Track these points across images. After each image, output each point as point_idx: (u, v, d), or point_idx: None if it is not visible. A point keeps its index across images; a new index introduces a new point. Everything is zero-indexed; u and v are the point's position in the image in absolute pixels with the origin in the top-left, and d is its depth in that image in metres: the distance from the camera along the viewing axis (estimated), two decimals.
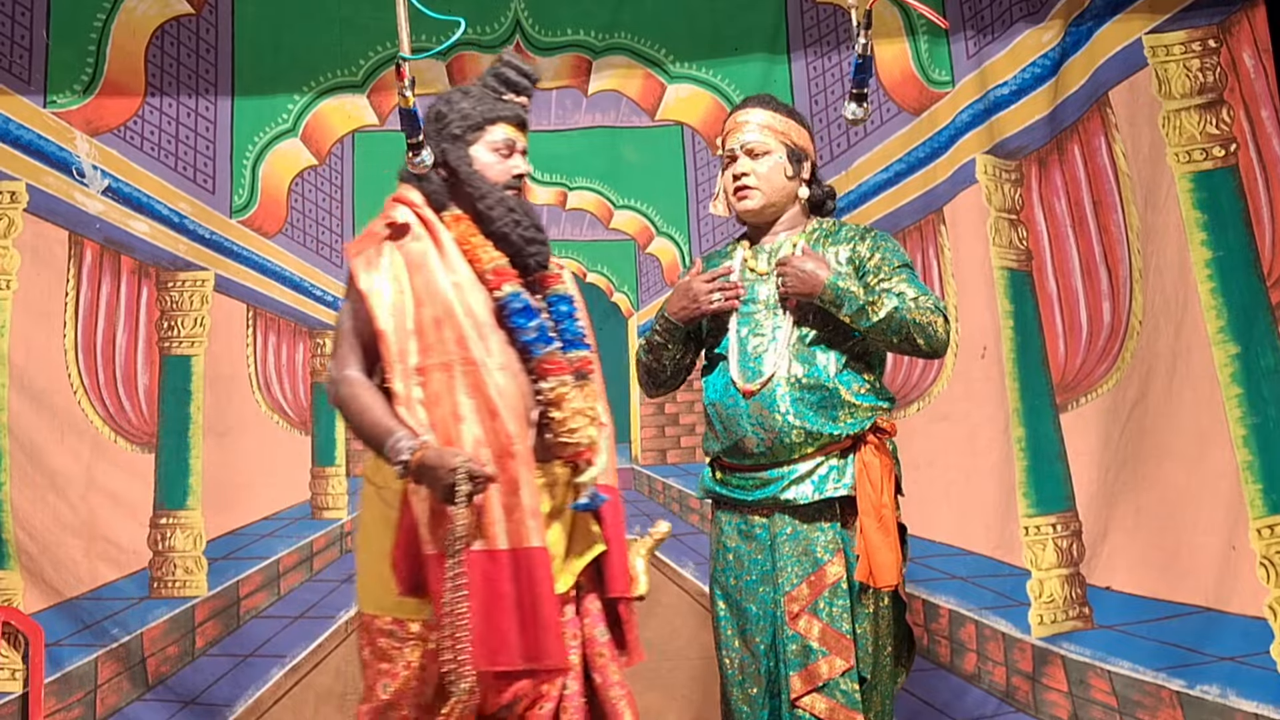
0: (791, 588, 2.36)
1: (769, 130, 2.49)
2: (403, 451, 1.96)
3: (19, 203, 3.51)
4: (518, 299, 2.11)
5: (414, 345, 2.04)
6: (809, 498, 2.37)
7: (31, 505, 3.37)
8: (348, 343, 2.11)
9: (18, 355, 3.43)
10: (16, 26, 3.56)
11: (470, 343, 2.04)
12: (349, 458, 3.80)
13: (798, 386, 2.37)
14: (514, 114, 2.21)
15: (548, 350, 2.10)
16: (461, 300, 2.07)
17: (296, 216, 3.88)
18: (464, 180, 2.16)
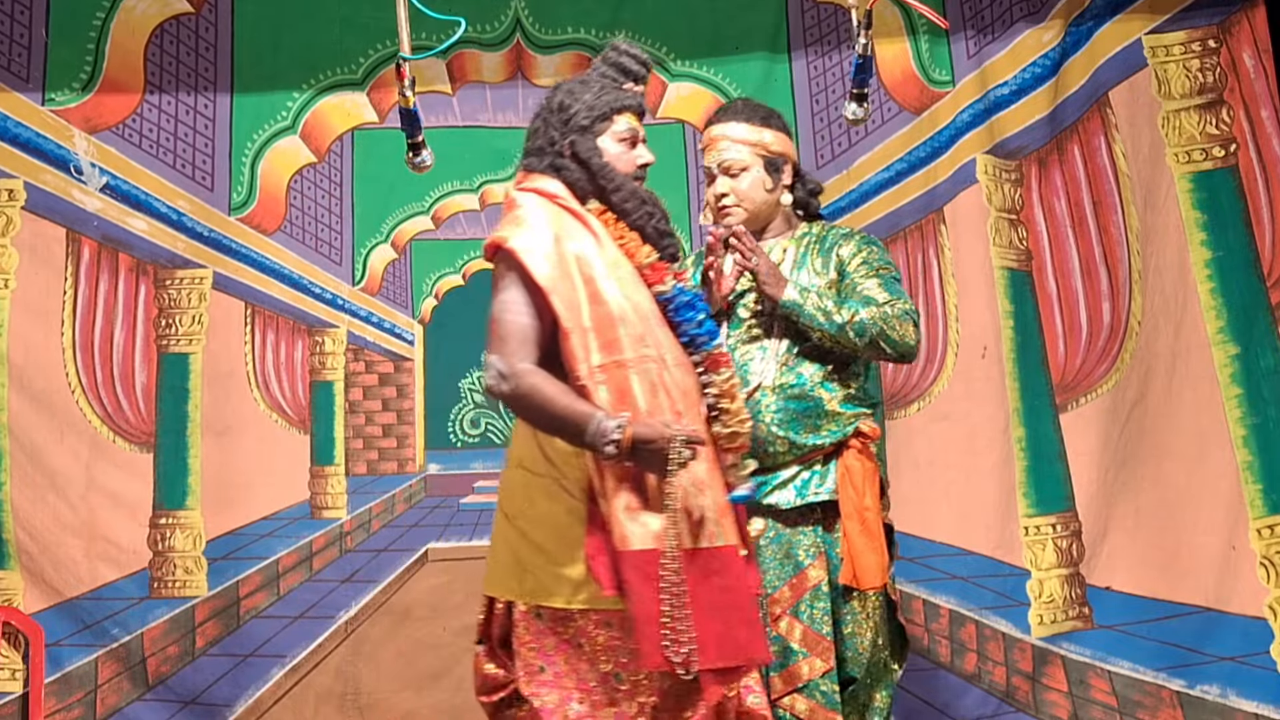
0: (773, 590, 2.38)
1: (744, 145, 2.50)
2: (610, 430, 1.89)
3: (17, 200, 3.50)
4: (682, 293, 2.08)
5: (594, 343, 1.96)
6: (791, 503, 2.39)
7: (31, 505, 3.36)
8: (517, 336, 2.00)
9: (16, 354, 3.42)
10: (15, 24, 3.55)
11: (647, 340, 1.99)
12: (348, 457, 3.79)
13: (782, 396, 2.39)
14: (637, 104, 2.16)
15: (717, 343, 2.08)
16: (630, 296, 2.02)
17: (295, 214, 3.87)
18: (596, 173, 2.10)
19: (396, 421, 3.84)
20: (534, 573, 2.03)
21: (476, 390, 3.92)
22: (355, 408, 3.83)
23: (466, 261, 3.99)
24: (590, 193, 2.12)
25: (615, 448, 1.89)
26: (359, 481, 3.78)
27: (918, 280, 3.72)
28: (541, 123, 2.19)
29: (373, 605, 3.66)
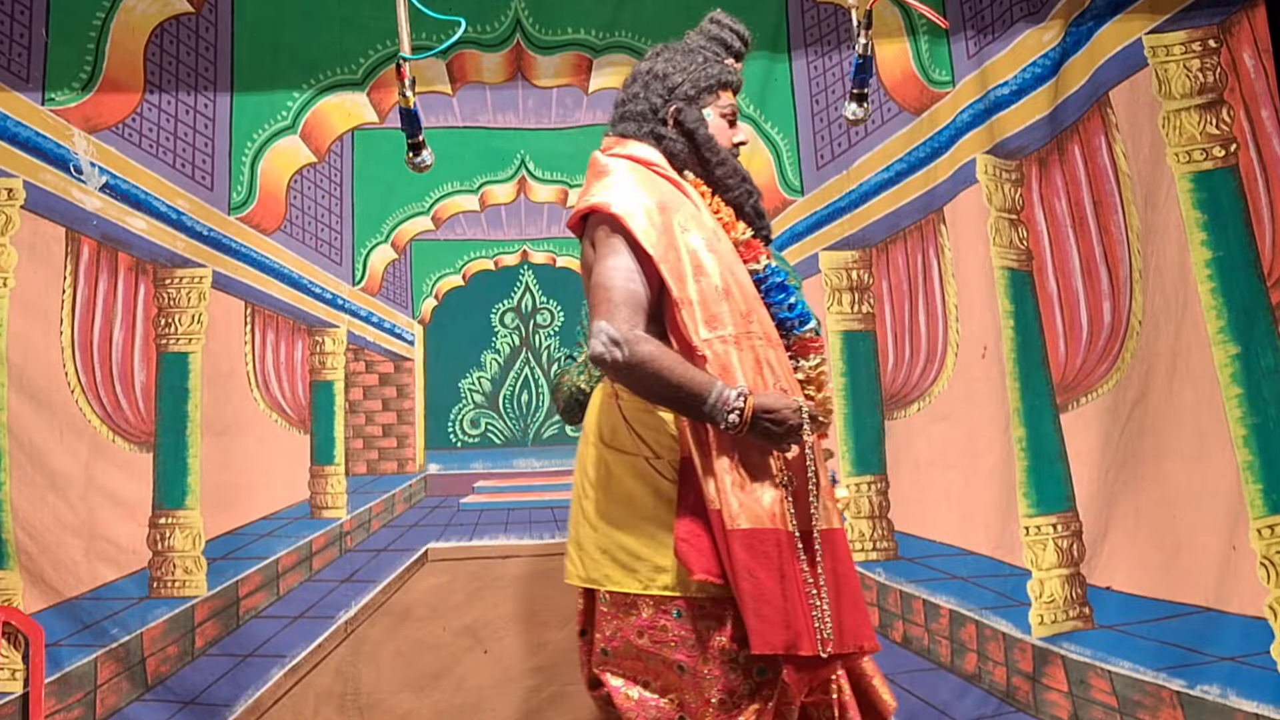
0: None
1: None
2: (732, 400, 1.82)
3: (16, 200, 3.49)
4: (776, 273, 2.01)
5: (699, 315, 1.90)
6: None
7: (31, 505, 3.36)
8: (630, 303, 1.92)
9: (15, 354, 3.41)
10: (15, 24, 3.55)
11: (752, 317, 1.93)
12: (348, 457, 3.79)
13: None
14: (738, 80, 2.11)
15: (809, 327, 2.01)
16: (732, 270, 1.95)
17: (295, 214, 3.87)
18: (701, 144, 2.03)
19: (396, 421, 3.84)
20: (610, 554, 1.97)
21: (476, 390, 3.92)
22: (355, 407, 3.83)
23: (467, 262, 3.99)
24: (690, 164, 2.06)
25: (739, 416, 1.82)
26: (359, 481, 3.78)
27: (918, 280, 3.71)
28: (641, 88, 2.09)
29: (373, 605, 3.66)
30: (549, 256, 4.00)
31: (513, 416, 3.94)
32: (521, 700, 3.59)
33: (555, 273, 4.01)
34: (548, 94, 3.92)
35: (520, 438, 3.94)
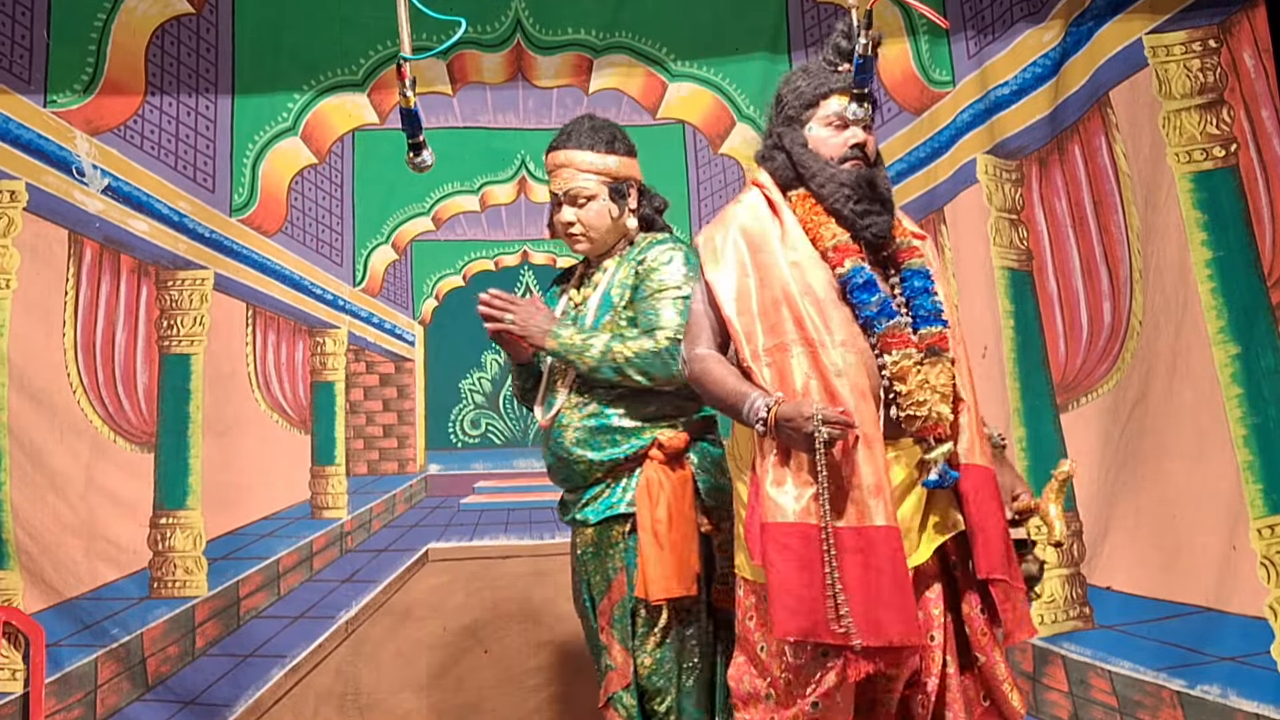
0: (598, 603, 2.48)
1: (590, 174, 2.52)
2: (760, 409, 2.03)
3: (19, 202, 3.50)
4: (859, 274, 2.10)
5: (759, 327, 2.11)
6: (595, 519, 2.46)
7: (31, 505, 3.37)
8: (699, 323, 2.20)
9: (17, 355, 3.42)
10: (17, 26, 3.56)
11: (807, 323, 2.08)
12: (349, 457, 3.80)
13: (579, 416, 2.45)
14: (846, 84, 2.17)
15: (890, 324, 2.08)
16: (799, 280, 2.11)
17: (296, 215, 3.87)
18: (796, 163, 2.19)
19: (397, 422, 3.85)
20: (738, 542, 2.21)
21: (477, 391, 3.92)
22: (356, 408, 3.84)
23: (467, 262, 4.00)
24: (793, 180, 2.21)
25: (764, 425, 2.03)
26: (359, 481, 3.79)
27: None
28: (768, 115, 2.32)
29: (373, 605, 3.66)
30: (549, 257, 4.01)
31: (513, 417, 3.95)
32: (521, 700, 3.59)
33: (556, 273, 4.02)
34: (548, 94, 3.93)
35: (520, 438, 3.94)
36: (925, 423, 2.07)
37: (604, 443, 2.44)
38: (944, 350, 2.11)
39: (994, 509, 2.10)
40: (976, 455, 2.12)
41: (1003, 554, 2.08)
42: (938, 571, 2.13)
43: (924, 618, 2.09)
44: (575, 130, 2.57)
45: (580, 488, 2.49)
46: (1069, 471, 2.21)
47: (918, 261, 2.19)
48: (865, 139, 2.19)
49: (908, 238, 2.22)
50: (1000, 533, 2.10)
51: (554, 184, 2.54)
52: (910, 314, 2.14)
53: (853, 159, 2.17)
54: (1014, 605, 2.10)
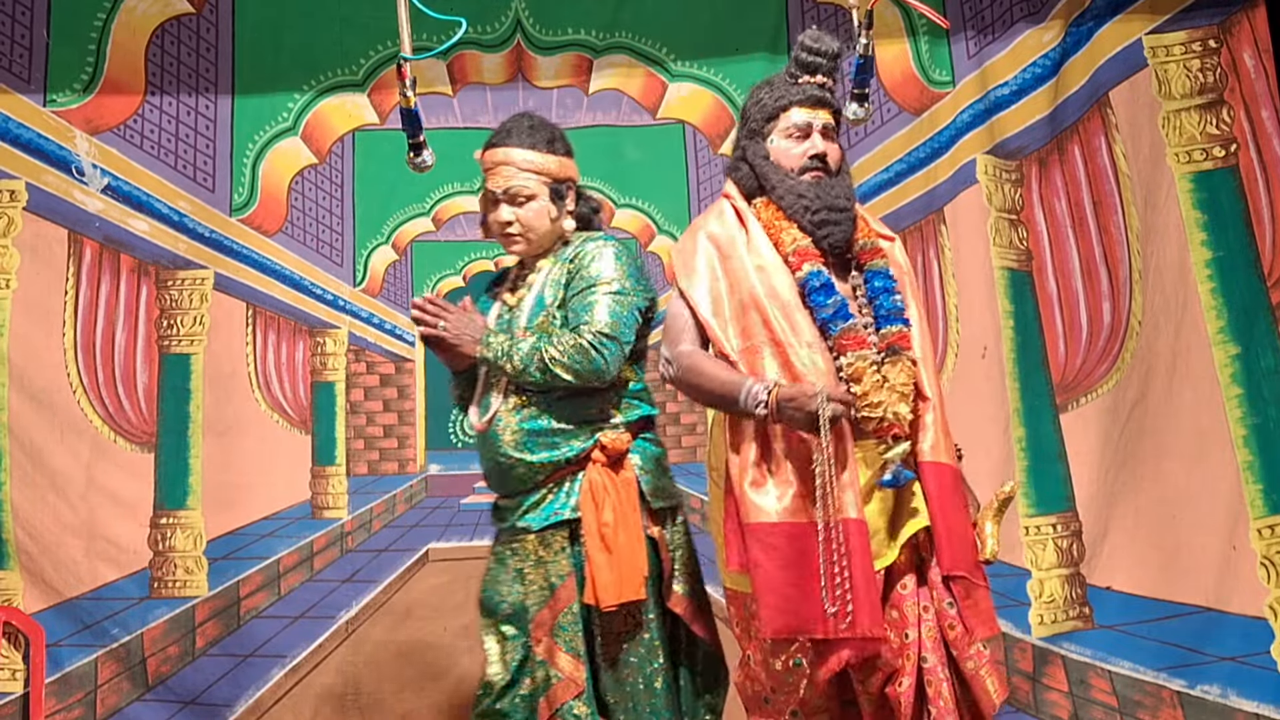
0: (536, 613, 2.40)
1: (530, 173, 2.48)
2: (759, 393, 2.04)
3: (18, 201, 3.50)
4: (815, 278, 2.15)
5: (733, 330, 2.16)
6: (536, 526, 2.40)
7: (31, 505, 3.37)
8: (678, 325, 2.23)
9: (17, 355, 3.42)
10: (17, 25, 3.56)
11: (774, 324, 2.13)
12: (349, 457, 3.80)
13: (515, 420, 2.40)
14: (804, 95, 2.24)
15: (844, 326, 2.12)
16: (765, 284, 2.16)
17: (296, 215, 3.87)
18: (758, 174, 2.25)
19: (397, 422, 3.85)
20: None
21: None
22: (356, 408, 3.84)
23: (467, 263, 4.00)
24: (756, 190, 2.27)
25: (764, 407, 2.04)
26: (360, 482, 3.79)
27: (918, 280, 3.72)
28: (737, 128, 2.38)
29: (373, 605, 3.66)
30: None
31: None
32: None
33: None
34: (548, 95, 3.93)
35: None
36: (881, 423, 2.09)
37: (542, 445, 2.38)
38: (904, 349, 2.15)
39: (957, 506, 2.14)
40: (941, 453, 2.14)
41: (965, 551, 2.12)
42: (912, 568, 2.14)
43: (898, 616, 2.11)
44: (515, 128, 2.52)
45: (519, 493, 2.42)
46: (1009, 492, 2.23)
47: (880, 262, 2.23)
48: (823, 149, 2.23)
49: (872, 239, 2.27)
50: (963, 530, 2.13)
51: (491, 182, 2.48)
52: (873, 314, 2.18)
53: (812, 170, 2.23)
54: (975, 603, 2.13)
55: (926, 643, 2.10)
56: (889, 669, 2.08)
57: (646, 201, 3.98)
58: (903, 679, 2.08)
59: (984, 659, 2.13)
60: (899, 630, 2.10)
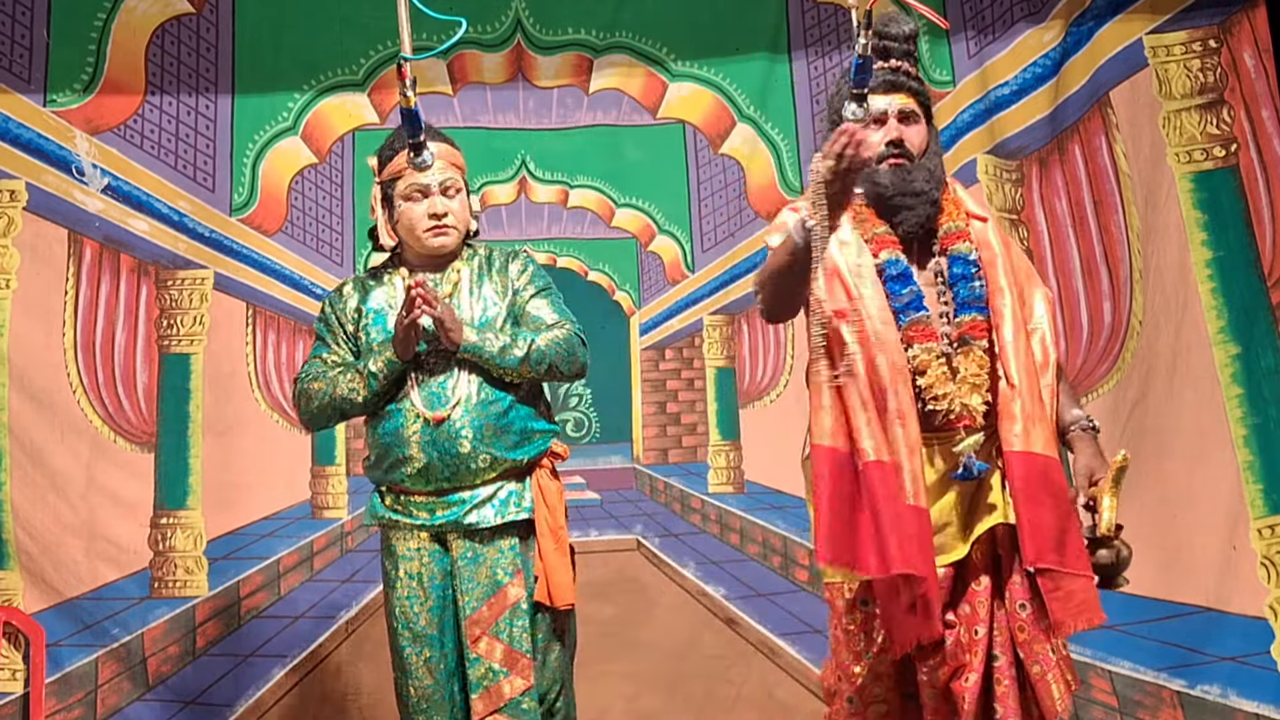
0: (473, 611, 2.40)
1: (455, 168, 2.50)
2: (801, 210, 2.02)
3: (18, 201, 3.50)
4: (893, 265, 2.14)
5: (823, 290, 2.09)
6: (491, 521, 2.41)
7: (31, 505, 3.37)
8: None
9: (17, 354, 3.42)
10: (17, 25, 3.56)
11: (855, 297, 2.09)
12: (349, 457, 3.80)
13: (481, 414, 2.40)
14: (878, 81, 2.17)
15: (913, 318, 2.10)
16: (849, 260, 2.13)
17: (296, 215, 3.87)
18: None
19: None
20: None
21: None
22: None
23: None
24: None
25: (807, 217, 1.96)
26: (360, 482, 3.78)
27: None
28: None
29: (373, 605, 3.66)
30: (550, 257, 4.01)
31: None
32: None
33: (555, 273, 4.01)
34: (548, 94, 3.93)
35: None
36: (948, 415, 2.08)
37: (510, 443, 2.42)
38: (976, 339, 2.11)
39: (1044, 497, 2.04)
40: (1027, 442, 2.05)
41: (1052, 542, 2.02)
42: (987, 566, 2.11)
43: (969, 611, 2.09)
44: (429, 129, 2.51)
45: (461, 488, 2.41)
46: (1122, 461, 2.13)
47: (962, 246, 2.18)
48: (899, 135, 2.18)
49: (958, 221, 2.21)
50: (1052, 520, 2.04)
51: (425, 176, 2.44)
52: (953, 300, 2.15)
53: (890, 157, 2.18)
54: (1067, 594, 2.04)
55: (998, 640, 2.07)
56: (956, 663, 2.06)
57: (646, 201, 3.98)
58: (969, 674, 2.06)
59: (1051, 663, 2.09)
60: (969, 625, 2.08)
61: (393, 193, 2.48)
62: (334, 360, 2.51)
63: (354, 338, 2.52)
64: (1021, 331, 2.14)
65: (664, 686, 3.57)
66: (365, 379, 2.42)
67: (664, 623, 3.66)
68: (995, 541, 2.12)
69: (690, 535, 3.75)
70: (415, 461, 2.40)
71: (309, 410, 2.51)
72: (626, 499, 3.83)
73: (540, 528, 2.42)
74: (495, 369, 2.41)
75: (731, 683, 3.61)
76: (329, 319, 2.54)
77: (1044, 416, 2.11)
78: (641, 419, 3.92)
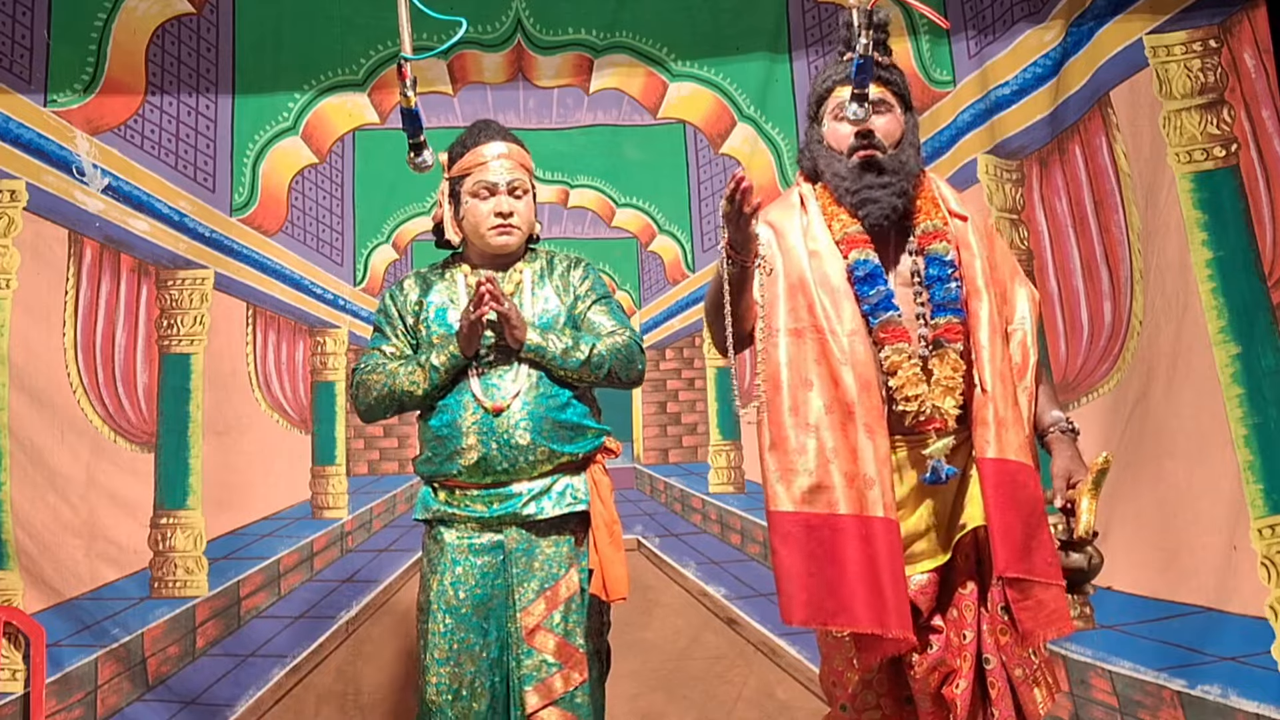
0: (528, 603, 2.40)
1: (524, 169, 2.53)
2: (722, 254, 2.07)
3: (19, 201, 3.50)
4: (862, 266, 2.12)
5: (782, 308, 2.12)
6: (549, 512, 2.42)
7: (31, 505, 3.37)
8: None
9: (17, 354, 3.42)
10: (17, 26, 3.56)
11: (818, 310, 2.09)
12: (349, 457, 3.80)
13: (540, 406, 2.42)
14: (844, 74, 2.16)
15: (883, 319, 2.09)
16: (817, 269, 2.13)
17: (297, 215, 3.87)
18: (814, 158, 2.23)
19: (397, 421, 3.84)
20: None
21: None
22: None
23: None
24: (814, 175, 2.25)
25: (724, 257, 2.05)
26: (360, 481, 3.79)
27: None
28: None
29: (374, 605, 3.66)
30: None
31: None
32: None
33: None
34: (549, 94, 3.93)
35: None
36: (918, 417, 2.07)
37: (566, 438, 2.43)
38: (951, 342, 2.09)
39: (1015, 504, 2.02)
40: (1000, 449, 2.03)
41: (1021, 550, 2.00)
42: (972, 570, 2.11)
43: (957, 615, 2.08)
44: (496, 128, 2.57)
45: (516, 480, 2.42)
46: (1103, 464, 2.08)
47: (939, 247, 2.15)
48: (868, 125, 2.14)
49: (935, 220, 2.18)
50: (1021, 528, 2.01)
51: (491, 174, 2.47)
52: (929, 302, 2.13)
53: (860, 148, 2.15)
54: (1036, 603, 2.02)
55: (988, 643, 2.07)
56: (946, 669, 2.06)
57: (647, 201, 3.97)
58: (959, 681, 2.05)
59: (1033, 667, 2.08)
60: (957, 630, 2.08)
61: (460, 189, 2.51)
62: (392, 352, 2.53)
63: (413, 331, 2.54)
64: (998, 335, 2.12)
65: (665, 686, 3.57)
66: (427, 372, 2.43)
67: (665, 623, 3.66)
68: (979, 545, 2.11)
69: (691, 535, 3.75)
70: (473, 452, 2.40)
71: (366, 401, 2.51)
72: (627, 499, 3.83)
73: (596, 521, 2.42)
74: (557, 370, 2.43)
75: (732, 683, 3.61)
76: (389, 311, 2.56)
77: (1019, 421, 2.08)
78: (642, 419, 3.92)
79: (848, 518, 2.01)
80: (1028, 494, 2.04)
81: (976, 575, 2.10)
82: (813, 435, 2.05)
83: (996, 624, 2.07)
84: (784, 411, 2.07)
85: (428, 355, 2.45)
